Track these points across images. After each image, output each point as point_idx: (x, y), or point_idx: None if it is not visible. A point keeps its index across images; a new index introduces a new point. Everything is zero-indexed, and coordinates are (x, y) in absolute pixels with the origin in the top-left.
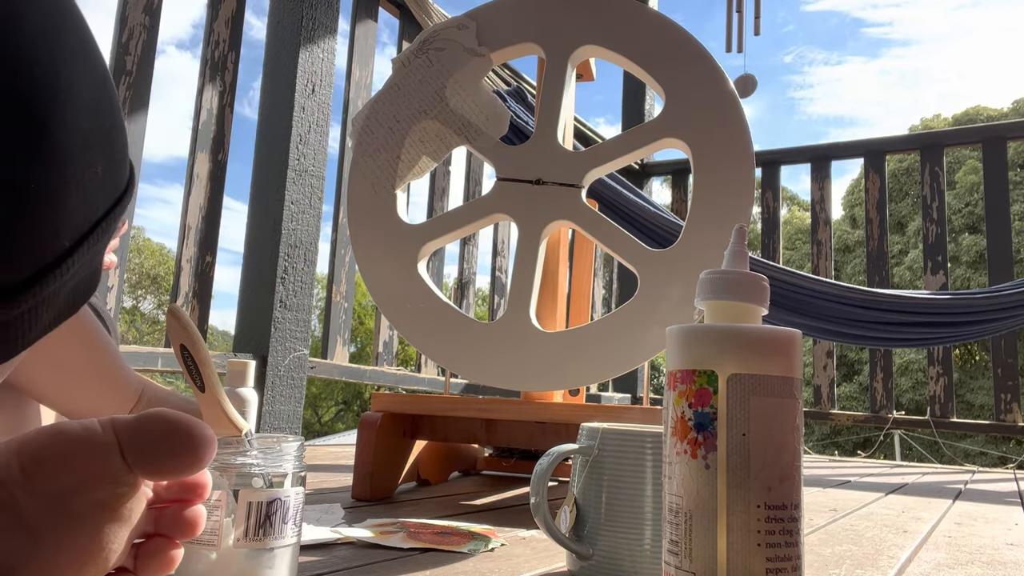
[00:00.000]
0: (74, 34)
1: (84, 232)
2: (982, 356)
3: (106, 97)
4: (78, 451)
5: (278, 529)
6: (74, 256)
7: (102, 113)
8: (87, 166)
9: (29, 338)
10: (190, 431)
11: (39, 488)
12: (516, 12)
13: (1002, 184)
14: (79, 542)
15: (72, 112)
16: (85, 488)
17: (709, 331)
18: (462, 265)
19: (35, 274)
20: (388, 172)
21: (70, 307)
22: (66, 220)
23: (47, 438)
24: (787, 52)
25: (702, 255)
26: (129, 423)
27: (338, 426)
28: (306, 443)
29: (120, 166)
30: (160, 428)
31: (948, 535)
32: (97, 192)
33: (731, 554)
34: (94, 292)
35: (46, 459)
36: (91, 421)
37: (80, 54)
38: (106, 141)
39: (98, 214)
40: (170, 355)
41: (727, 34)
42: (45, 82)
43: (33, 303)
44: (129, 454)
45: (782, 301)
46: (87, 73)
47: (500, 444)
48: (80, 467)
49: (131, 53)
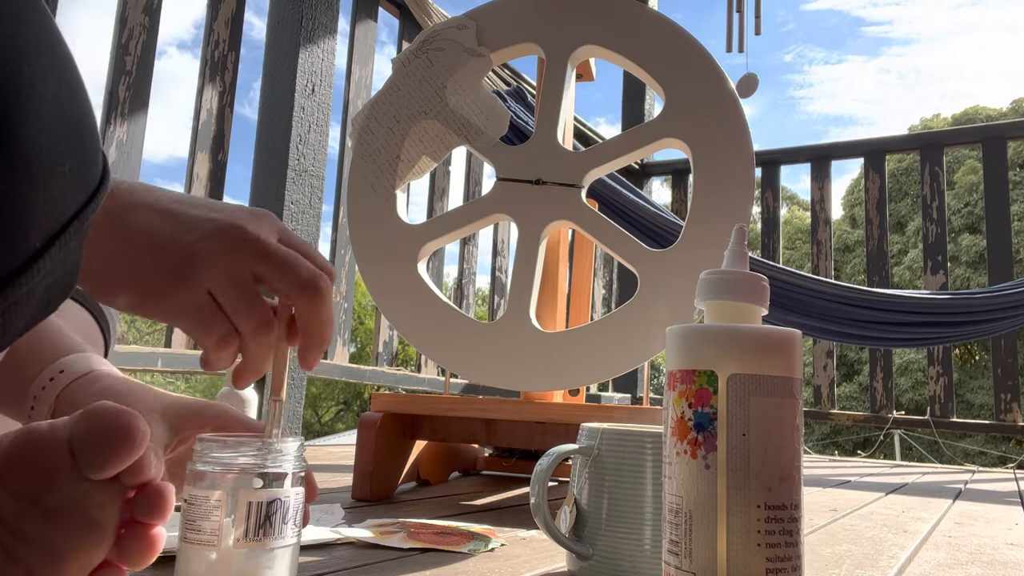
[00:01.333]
0: (36, 28)
1: (55, 232)
2: (982, 356)
3: (73, 91)
4: (41, 451)
5: (278, 529)
6: (45, 257)
7: (68, 108)
8: (53, 165)
9: (5, 340)
10: (118, 422)
11: (13, 489)
12: (516, 12)
13: (1002, 184)
14: (58, 540)
15: (35, 110)
16: (53, 487)
17: (709, 331)
18: (462, 265)
19: (4, 277)
20: (388, 172)
21: (46, 307)
22: (34, 221)
23: (18, 439)
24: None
25: (702, 255)
26: (76, 420)
27: (338, 426)
28: (306, 443)
29: (91, 162)
30: (93, 422)
31: (948, 535)
32: (66, 190)
33: (731, 554)
34: (72, 290)
35: (16, 461)
36: (59, 420)
37: (44, 48)
38: (73, 138)
39: (69, 212)
40: (170, 355)
41: (727, 34)
42: (4, 79)
43: (5, 306)
44: (76, 450)
45: (782, 301)
46: (51, 69)
47: (500, 444)
48: (44, 467)
49: (131, 53)
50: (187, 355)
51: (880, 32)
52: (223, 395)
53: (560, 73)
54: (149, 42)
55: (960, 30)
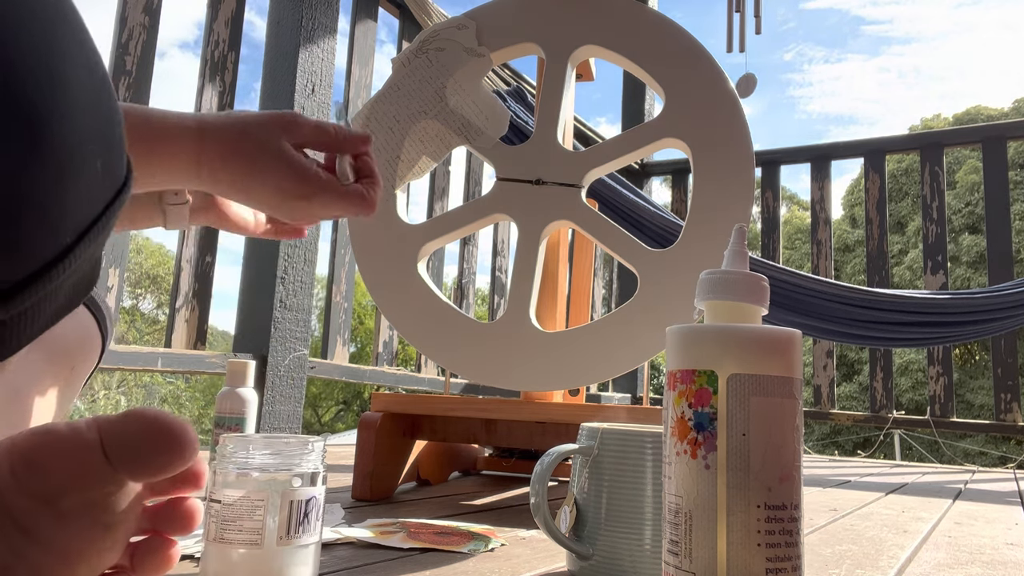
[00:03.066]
0: (72, 32)
1: (84, 227)
2: (982, 356)
3: (104, 94)
4: (64, 451)
5: (313, 526)
6: (74, 252)
7: (100, 110)
8: (86, 161)
9: (29, 334)
10: (171, 429)
11: (29, 489)
12: (516, 12)
13: (1002, 184)
14: (70, 542)
15: (70, 108)
16: (73, 488)
17: (709, 331)
18: (462, 265)
19: (36, 271)
20: (388, 172)
21: (71, 302)
22: (66, 216)
23: (36, 439)
24: (787, 50)
25: (702, 255)
26: (112, 422)
27: (338, 426)
28: None
29: (118, 162)
30: (141, 427)
31: (948, 535)
32: (96, 188)
33: (731, 554)
34: (94, 286)
35: (35, 460)
36: (79, 421)
37: (78, 51)
38: (104, 137)
39: (97, 209)
40: (170, 355)
41: (728, 33)
42: (43, 79)
43: (35, 300)
44: (111, 453)
45: (782, 301)
46: (85, 70)
47: (500, 444)
48: (67, 467)
49: (131, 53)
50: (187, 355)
51: (880, 31)
52: (223, 395)
53: (560, 73)
54: (149, 42)
55: (961, 29)
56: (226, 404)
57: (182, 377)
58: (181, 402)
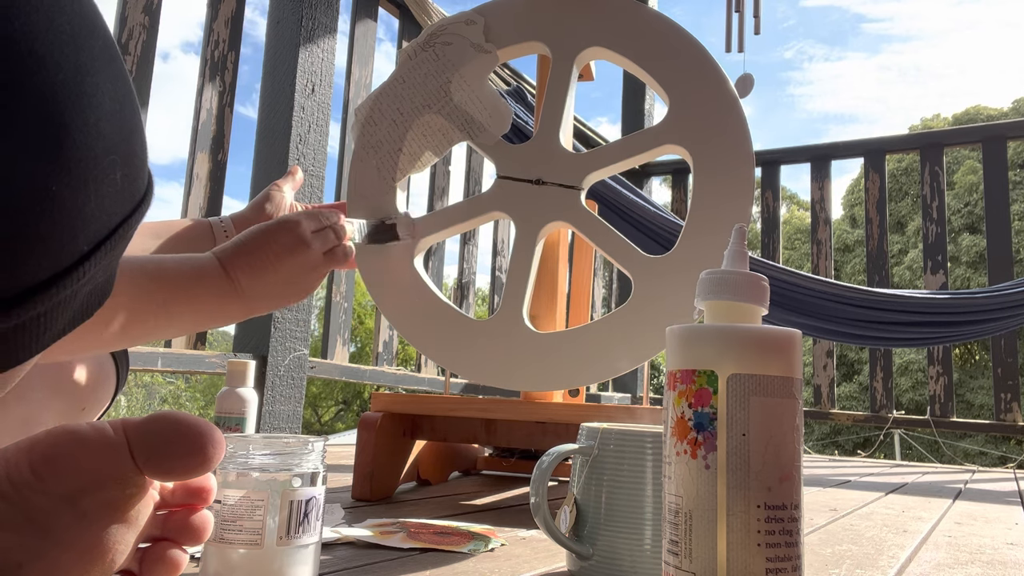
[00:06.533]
0: (99, 41)
1: (101, 237)
2: (982, 356)
3: (128, 105)
4: (88, 451)
5: (313, 526)
6: (90, 261)
7: (123, 121)
8: (107, 172)
9: (42, 342)
10: (200, 432)
11: (48, 487)
12: (525, 11)
13: (1002, 184)
14: (86, 542)
15: (94, 117)
16: (94, 488)
17: (709, 331)
18: (462, 265)
19: (51, 277)
20: (390, 164)
21: (84, 312)
22: (84, 224)
23: (58, 438)
24: (787, 47)
25: (702, 255)
26: (139, 424)
27: (338, 426)
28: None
29: (139, 174)
30: (169, 429)
31: (948, 535)
32: (116, 198)
33: (731, 554)
34: (108, 298)
35: (56, 459)
36: (102, 422)
37: (105, 61)
38: (126, 148)
39: (116, 220)
40: (170, 355)
41: (727, 33)
42: (69, 86)
43: (48, 306)
44: (139, 455)
45: (782, 301)
46: (111, 80)
47: (500, 444)
48: (89, 467)
49: (131, 53)
50: (187, 355)
51: (881, 29)
52: (223, 395)
53: (565, 74)
54: (149, 42)
55: (961, 27)
56: (226, 404)
57: (182, 377)
58: (181, 402)
